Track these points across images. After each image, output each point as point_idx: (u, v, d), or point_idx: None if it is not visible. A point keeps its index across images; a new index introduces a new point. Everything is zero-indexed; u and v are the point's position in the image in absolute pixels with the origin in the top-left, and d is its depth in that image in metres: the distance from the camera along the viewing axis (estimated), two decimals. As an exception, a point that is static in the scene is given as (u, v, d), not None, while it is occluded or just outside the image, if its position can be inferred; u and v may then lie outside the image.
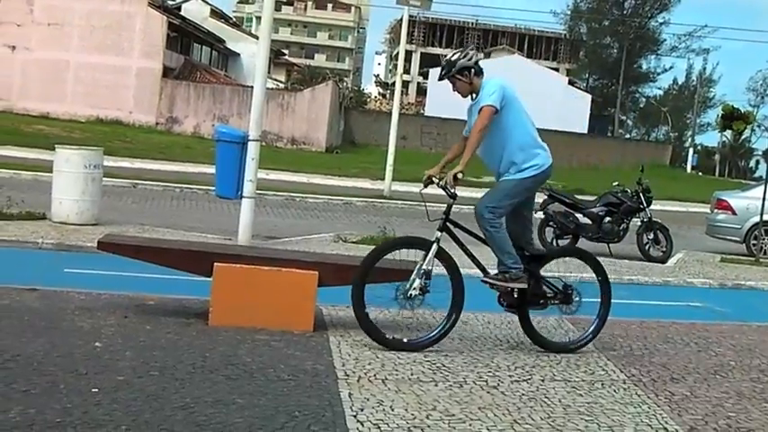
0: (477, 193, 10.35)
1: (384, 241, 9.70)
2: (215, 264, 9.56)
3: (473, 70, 9.72)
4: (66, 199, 17.49)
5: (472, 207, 9.78)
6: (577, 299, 10.09)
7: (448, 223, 9.66)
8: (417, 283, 9.24)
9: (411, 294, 9.25)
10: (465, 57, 9.74)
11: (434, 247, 9.38)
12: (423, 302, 9.36)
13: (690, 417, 7.67)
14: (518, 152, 9.57)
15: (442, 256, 9.47)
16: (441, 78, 10.20)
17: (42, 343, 8.23)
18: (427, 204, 9.72)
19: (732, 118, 23.98)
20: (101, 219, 17.87)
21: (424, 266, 9.30)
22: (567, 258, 10.62)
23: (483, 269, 9.73)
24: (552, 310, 10.23)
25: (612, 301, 10.21)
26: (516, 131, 9.56)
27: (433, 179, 9.77)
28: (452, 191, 9.48)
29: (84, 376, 7.33)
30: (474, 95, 9.73)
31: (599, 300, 10.27)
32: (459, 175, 9.44)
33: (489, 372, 8.64)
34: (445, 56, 9.92)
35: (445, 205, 9.66)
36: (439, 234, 9.54)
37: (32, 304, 9.91)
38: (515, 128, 9.56)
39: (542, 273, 10.10)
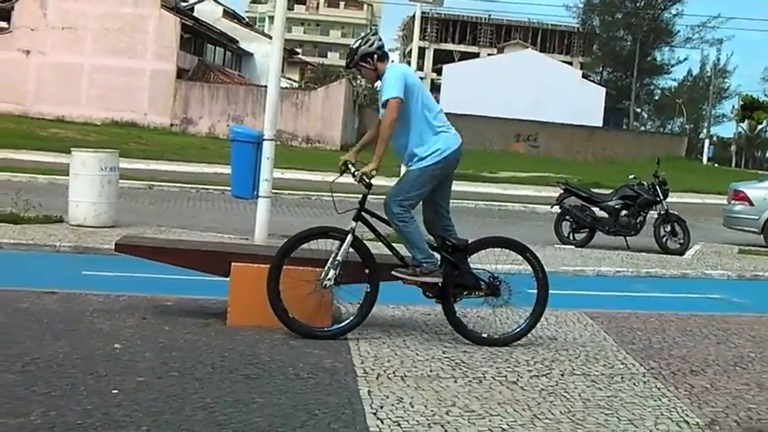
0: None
1: (296, 233, 9.55)
2: (232, 264, 9.57)
3: (375, 56, 9.59)
4: (83, 202, 17.52)
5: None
6: (507, 291, 9.82)
7: (363, 213, 9.52)
8: (332, 273, 9.19)
9: (326, 285, 9.21)
10: (366, 43, 9.61)
11: (349, 237, 9.28)
12: (338, 293, 9.38)
13: (710, 409, 7.64)
14: (419, 140, 9.43)
15: (358, 246, 9.38)
16: (347, 67, 10.17)
17: (62, 345, 8.25)
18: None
19: (752, 108, 23.98)
20: (118, 221, 17.91)
21: (339, 257, 9.23)
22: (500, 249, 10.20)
23: (401, 259, 9.59)
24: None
25: (550, 292, 9.97)
26: (416, 120, 9.42)
27: (350, 166, 9.52)
28: (368, 180, 9.30)
29: (104, 378, 7.35)
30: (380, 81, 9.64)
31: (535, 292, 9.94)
32: (373, 173, 9.27)
33: (508, 367, 8.63)
34: (458, 52, 9.85)
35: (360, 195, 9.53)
36: (354, 224, 9.43)
37: (51, 307, 9.94)
38: (417, 118, 9.41)
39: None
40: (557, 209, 21.19)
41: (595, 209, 21.00)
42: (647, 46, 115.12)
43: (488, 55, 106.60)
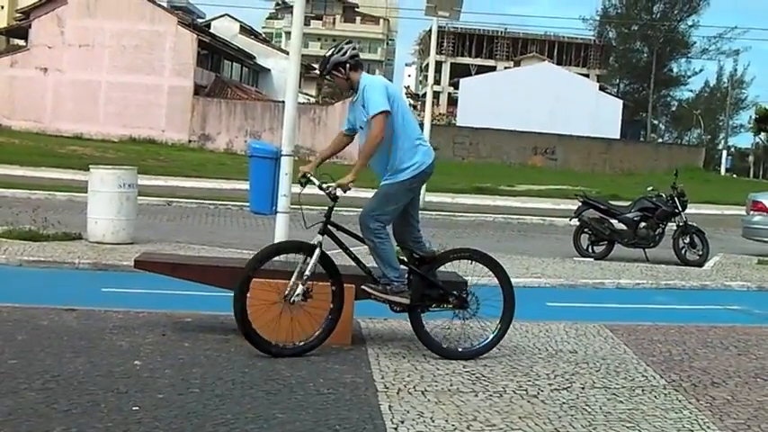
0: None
1: (266, 246, 9.50)
2: (252, 279, 9.57)
3: (348, 65, 9.51)
4: (102, 218, 17.57)
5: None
6: (474, 303, 9.66)
7: (329, 226, 9.44)
8: (300, 289, 9.09)
9: (293, 301, 9.09)
10: (339, 52, 9.55)
11: (317, 251, 9.19)
12: (301, 308, 9.17)
13: (732, 421, 7.62)
14: (400, 153, 9.36)
15: (325, 260, 9.31)
16: (320, 76, 10.13)
17: (82, 362, 8.26)
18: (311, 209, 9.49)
19: (767, 120, 23.85)
20: (136, 237, 17.94)
21: (306, 272, 9.14)
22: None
23: (368, 273, 9.53)
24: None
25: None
26: (398, 134, 9.35)
27: (311, 179, 9.52)
28: (334, 192, 9.28)
29: (125, 395, 7.35)
30: (354, 91, 9.58)
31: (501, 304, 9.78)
32: (350, 186, 9.21)
33: (529, 381, 8.61)
34: (475, 65, 9.84)
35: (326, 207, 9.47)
36: (320, 238, 9.31)
37: (71, 324, 9.96)
38: (397, 130, 9.35)
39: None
40: (575, 221, 21.18)
41: (614, 221, 20.97)
42: (664, 57, 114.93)
43: (505, 68, 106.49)
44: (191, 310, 11.08)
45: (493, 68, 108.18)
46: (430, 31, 39.90)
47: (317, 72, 10.17)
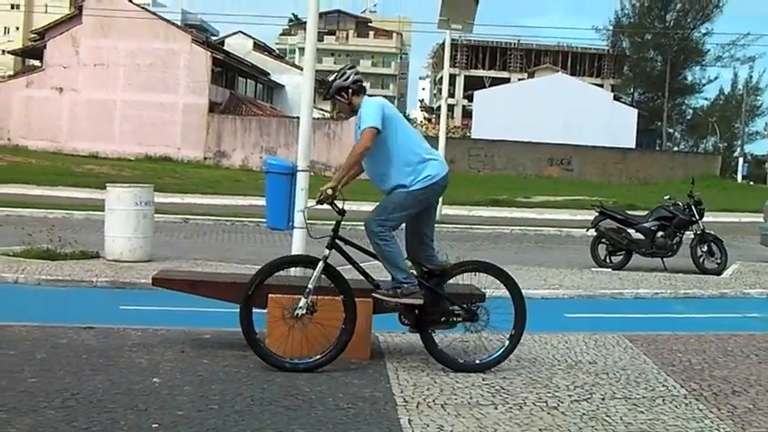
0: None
1: (269, 262, 9.55)
2: (269, 295, 9.56)
3: (350, 90, 9.60)
4: (119, 237, 17.60)
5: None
6: (485, 316, 9.62)
7: (337, 240, 9.47)
8: (303, 302, 9.16)
9: (298, 314, 9.15)
10: (341, 77, 9.62)
11: (321, 264, 9.23)
12: (311, 321, 9.21)
13: (753, 430, 7.59)
14: (405, 169, 9.36)
15: (332, 274, 9.35)
16: (323, 99, 10.19)
17: (101, 380, 8.27)
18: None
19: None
20: (154, 255, 17.97)
21: (309, 285, 9.20)
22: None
23: (376, 285, 9.52)
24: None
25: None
26: (401, 150, 9.37)
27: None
28: (341, 207, 9.39)
29: (144, 412, 7.36)
30: (356, 114, 9.62)
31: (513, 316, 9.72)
32: (329, 192, 9.25)
33: (548, 392, 8.59)
34: (489, 77, 9.85)
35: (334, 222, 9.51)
36: (327, 252, 9.37)
37: (89, 342, 9.97)
38: (399, 146, 9.37)
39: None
40: (592, 232, 21.14)
41: (631, 231, 20.92)
42: (678, 66, 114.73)
43: (519, 80, 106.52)
44: (209, 326, 11.09)
45: (507, 80, 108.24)
46: (443, 44, 39.94)
47: (322, 95, 10.18)
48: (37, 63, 77.00)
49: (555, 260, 21.60)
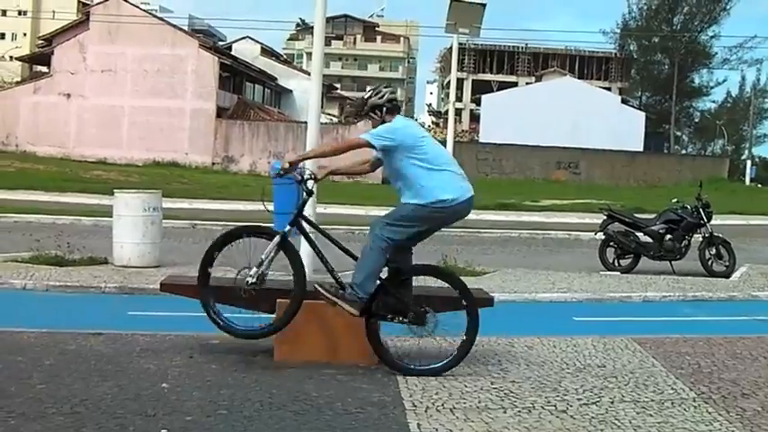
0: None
1: (227, 230, 9.73)
2: (278, 300, 9.57)
3: (384, 108, 9.69)
4: (128, 242, 17.61)
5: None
6: (433, 321, 9.52)
7: (300, 219, 9.69)
8: (254, 271, 9.38)
9: (248, 282, 9.37)
10: (376, 95, 9.74)
11: (276, 238, 9.43)
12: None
13: (763, 432, 7.58)
14: (416, 189, 9.38)
15: (289, 250, 9.52)
16: (356, 118, 10.31)
17: (110, 386, 8.28)
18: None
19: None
20: (162, 261, 17.97)
21: (263, 256, 9.39)
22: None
23: (331, 270, 9.62)
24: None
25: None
26: (409, 173, 9.38)
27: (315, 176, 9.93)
28: (309, 188, 9.73)
29: (153, 418, 7.36)
30: None
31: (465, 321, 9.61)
32: (286, 165, 9.51)
33: (557, 396, 8.58)
34: (497, 81, 9.90)
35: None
36: (288, 228, 9.58)
37: (98, 348, 9.98)
38: (409, 171, 9.37)
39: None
40: (600, 235, 21.14)
41: (639, 234, 20.89)
42: (685, 69, 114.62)
43: (526, 84, 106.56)
44: (217, 332, 11.07)
45: (514, 84, 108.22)
46: (451, 48, 39.96)
47: (351, 113, 10.35)
48: (44, 69, 77.15)
49: (563, 263, 21.57)
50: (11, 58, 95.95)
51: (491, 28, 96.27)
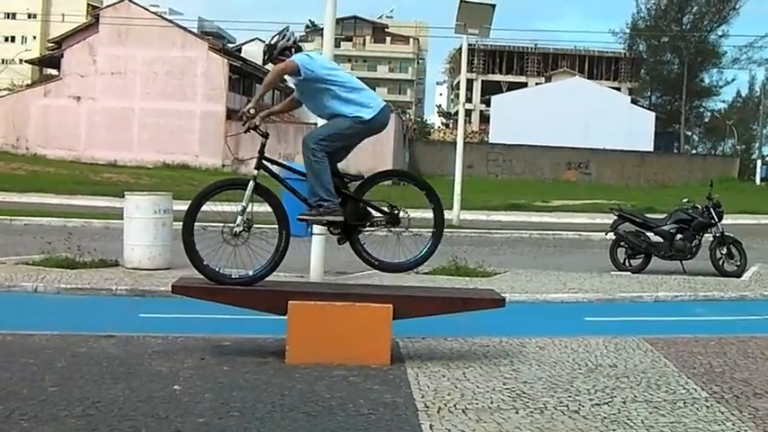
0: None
1: (202, 189, 10.10)
2: (289, 302, 9.57)
3: (293, 49, 10.08)
4: (138, 245, 17.61)
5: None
6: (407, 220, 10.24)
7: (264, 161, 10.24)
8: (239, 219, 10.23)
9: (236, 231, 10.32)
10: (284, 38, 10.09)
11: (251, 184, 10.15)
12: (248, 238, 10.24)
13: (776, 432, 7.56)
14: (331, 104, 9.99)
15: (262, 191, 10.18)
16: (265, 63, 10.65)
17: (122, 388, 8.28)
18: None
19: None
20: (173, 263, 17.95)
21: (243, 203, 10.05)
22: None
23: (304, 200, 10.21)
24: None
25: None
26: (331, 95, 9.95)
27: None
28: (264, 130, 10.22)
29: (165, 420, 7.36)
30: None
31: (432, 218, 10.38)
32: (251, 112, 10.02)
33: (569, 396, 8.56)
34: (506, 82, 10.08)
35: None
36: (256, 172, 10.24)
37: (110, 350, 9.99)
38: (330, 93, 9.94)
39: None
40: (611, 235, 21.09)
41: (650, 234, 20.83)
42: (695, 68, 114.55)
43: (536, 84, 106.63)
44: (229, 333, 11.11)
45: (524, 85, 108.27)
46: (460, 49, 39.96)
47: (263, 59, 10.71)
48: (54, 72, 77.28)
49: (574, 264, 21.54)
50: (21, 61, 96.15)
51: (500, 28, 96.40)
